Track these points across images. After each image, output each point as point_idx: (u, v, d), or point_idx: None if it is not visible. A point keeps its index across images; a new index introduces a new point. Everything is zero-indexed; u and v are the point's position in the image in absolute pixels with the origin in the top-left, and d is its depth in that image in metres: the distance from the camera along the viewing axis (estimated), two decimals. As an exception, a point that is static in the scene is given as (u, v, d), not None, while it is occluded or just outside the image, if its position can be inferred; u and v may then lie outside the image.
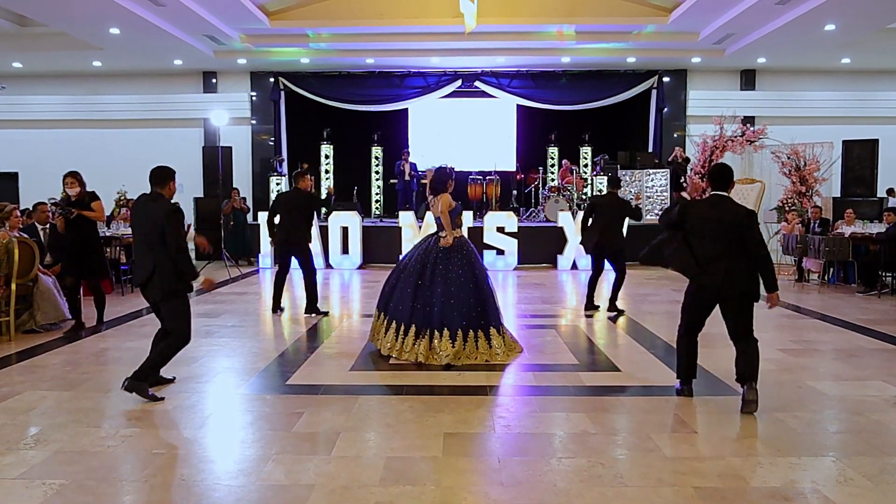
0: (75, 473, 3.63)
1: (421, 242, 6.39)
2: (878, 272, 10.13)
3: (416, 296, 5.95)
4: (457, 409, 4.70)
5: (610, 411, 4.68)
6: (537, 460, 3.83)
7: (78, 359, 6.17)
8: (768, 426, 4.41)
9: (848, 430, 4.35)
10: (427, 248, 6.17)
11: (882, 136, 14.32)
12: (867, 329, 7.55)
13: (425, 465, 3.75)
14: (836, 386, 5.31)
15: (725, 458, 3.84)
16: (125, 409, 4.70)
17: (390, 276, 6.36)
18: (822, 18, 12.33)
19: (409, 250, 6.55)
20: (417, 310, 5.94)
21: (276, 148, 16.99)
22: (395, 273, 6.29)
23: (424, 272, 6.01)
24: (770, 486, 3.50)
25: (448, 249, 6.09)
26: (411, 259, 6.21)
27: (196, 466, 3.74)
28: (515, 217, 13.40)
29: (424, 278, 5.99)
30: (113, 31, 12.77)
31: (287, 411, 4.68)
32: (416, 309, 5.94)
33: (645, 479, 3.56)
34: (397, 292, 6.10)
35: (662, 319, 8.16)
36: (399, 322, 6.00)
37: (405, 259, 6.36)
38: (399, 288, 6.11)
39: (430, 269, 6.01)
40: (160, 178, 5.03)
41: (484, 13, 12.52)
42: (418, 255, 6.17)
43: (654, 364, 6.01)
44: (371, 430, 4.31)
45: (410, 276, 6.06)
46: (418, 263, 6.08)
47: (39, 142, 16.92)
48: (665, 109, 17.01)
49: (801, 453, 3.94)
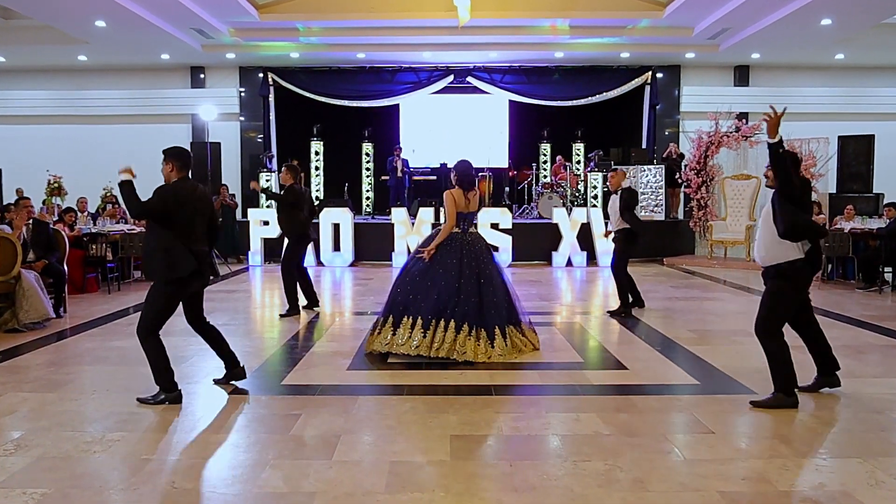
0: (59, 481, 3.39)
1: (452, 240, 5.98)
2: (879, 268, 10.01)
3: (459, 291, 5.72)
4: (461, 409, 4.48)
5: (621, 411, 4.47)
6: (551, 464, 3.62)
7: (62, 359, 5.91)
8: (787, 426, 4.23)
9: (869, 429, 4.17)
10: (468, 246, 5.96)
11: (877, 133, 14.24)
12: (872, 325, 7.41)
13: (432, 470, 3.54)
14: (850, 383, 5.13)
15: (747, 460, 3.65)
16: (112, 411, 4.45)
17: (407, 277, 5.97)
18: (818, 13, 12.24)
19: (421, 249, 6.06)
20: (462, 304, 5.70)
21: (266, 144, 16.73)
22: (418, 272, 5.90)
23: (462, 269, 5.80)
24: (799, 489, 3.31)
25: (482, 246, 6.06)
26: (443, 258, 5.87)
27: (188, 473, 3.51)
28: (510, 213, 13.20)
29: (465, 275, 5.78)
30: (99, 24, 12.49)
31: (283, 413, 4.45)
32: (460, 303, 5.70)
33: (666, 484, 3.36)
34: (425, 289, 5.78)
35: (661, 315, 8.00)
36: (434, 317, 5.67)
37: (429, 260, 5.90)
38: (432, 285, 5.78)
39: (467, 266, 5.83)
40: None
41: (477, 7, 12.34)
42: (457, 252, 5.88)
43: (661, 362, 5.82)
44: (373, 432, 4.09)
45: (445, 273, 5.79)
46: (455, 260, 5.83)
47: (23, 138, 16.54)
48: (658, 105, 16.90)
49: (826, 454, 3.76)
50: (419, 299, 5.76)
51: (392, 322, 5.81)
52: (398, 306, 5.84)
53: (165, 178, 4.74)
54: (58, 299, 7.83)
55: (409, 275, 5.95)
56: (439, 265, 5.83)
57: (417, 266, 5.93)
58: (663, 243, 14.12)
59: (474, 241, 6.05)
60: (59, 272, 7.95)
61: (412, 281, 5.88)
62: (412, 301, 5.79)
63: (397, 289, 5.95)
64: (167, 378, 4.63)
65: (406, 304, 5.80)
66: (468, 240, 5.99)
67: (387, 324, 5.84)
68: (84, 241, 9.87)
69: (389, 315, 5.86)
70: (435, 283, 5.77)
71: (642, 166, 14.88)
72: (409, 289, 5.86)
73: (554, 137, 17.44)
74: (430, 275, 5.81)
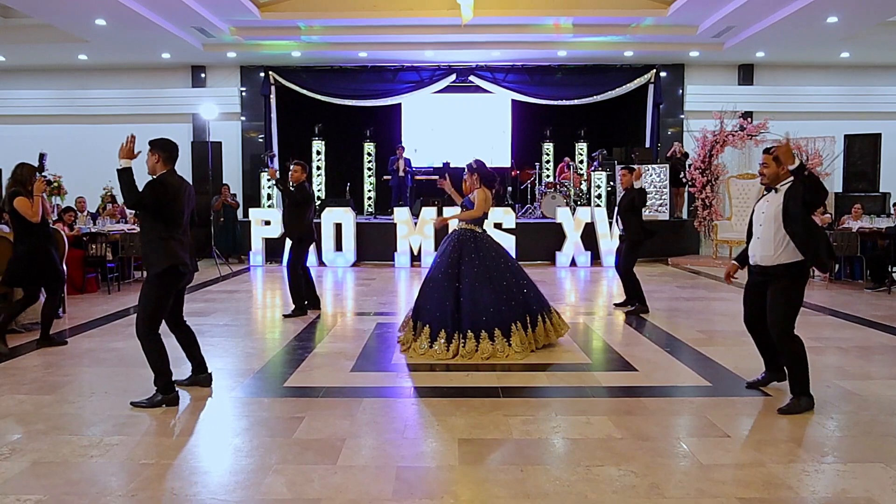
0: (54, 487, 3.27)
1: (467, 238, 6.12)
2: (887, 267, 9.89)
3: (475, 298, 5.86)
4: (469, 412, 4.37)
5: (633, 414, 4.36)
6: (563, 469, 3.51)
7: (60, 360, 5.79)
8: (804, 429, 4.12)
9: (889, 432, 4.05)
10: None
11: (884, 132, 14.12)
12: (884, 325, 7.29)
13: (441, 476, 3.42)
14: (865, 385, 5.03)
15: (766, 465, 3.54)
16: (110, 414, 4.34)
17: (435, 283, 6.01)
18: (824, 10, 12.10)
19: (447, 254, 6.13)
20: None
21: (267, 143, 16.60)
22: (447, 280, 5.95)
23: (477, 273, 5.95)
24: (821, 496, 3.20)
25: None
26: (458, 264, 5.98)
27: (188, 479, 3.40)
28: (513, 213, 13.09)
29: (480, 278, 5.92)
30: (99, 23, 12.37)
31: (286, 416, 4.34)
32: None
33: (683, 489, 3.25)
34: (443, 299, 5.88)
35: (668, 316, 7.89)
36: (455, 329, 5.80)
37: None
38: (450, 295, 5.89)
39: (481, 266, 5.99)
40: None
41: (480, 5, 12.20)
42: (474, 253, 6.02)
43: (670, 363, 5.72)
44: (378, 436, 3.97)
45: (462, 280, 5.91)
46: (471, 267, 5.96)
47: (23, 137, 16.34)
48: (662, 104, 16.75)
49: (845, 459, 3.64)
50: (439, 309, 5.86)
51: (420, 329, 5.94)
52: (426, 315, 5.95)
53: (150, 169, 4.68)
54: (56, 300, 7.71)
55: (431, 282, 6.03)
56: (455, 274, 5.92)
57: (436, 276, 6.01)
58: (668, 243, 13.99)
59: (486, 239, 6.18)
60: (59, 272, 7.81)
61: (434, 289, 5.97)
62: (434, 311, 5.89)
63: (424, 296, 6.06)
64: (165, 380, 4.55)
65: (431, 313, 5.91)
66: (483, 238, 6.14)
67: (418, 331, 5.96)
68: (84, 241, 9.76)
69: (417, 322, 6.01)
70: (451, 293, 5.86)
71: (646, 165, 14.76)
72: (433, 297, 5.95)
73: (557, 137, 17.33)
74: (449, 286, 5.89)
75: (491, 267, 5.95)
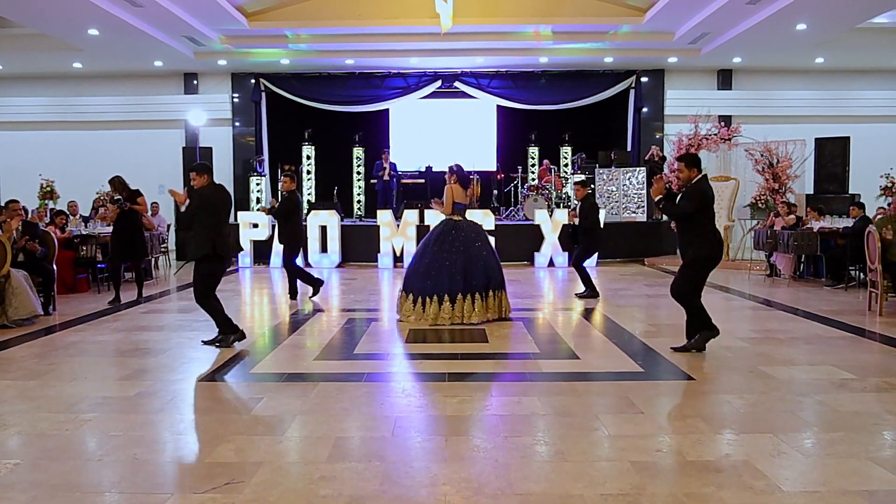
0: (30, 454, 3.72)
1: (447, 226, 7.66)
2: (845, 266, 10.30)
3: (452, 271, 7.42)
4: (413, 394, 4.80)
5: (562, 395, 4.78)
6: (483, 438, 3.94)
7: (46, 351, 6.24)
8: (714, 407, 4.54)
9: (790, 409, 4.47)
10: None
11: (854, 135, 14.53)
12: (827, 319, 7.71)
13: (374, 445, 3.85)
14: (786, 370, 5.45)
15: (666, 436, 3.97)
16: (87, 396, 4.77)
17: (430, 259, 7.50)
18: (792, 18, 12.52)
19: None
20: None
21: (258, 148, 17.04)
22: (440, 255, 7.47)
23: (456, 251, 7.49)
24: (704, 459, 3.62)
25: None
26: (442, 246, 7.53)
27: (149, 447, 3.83)
28: (493, 215, 13.51)
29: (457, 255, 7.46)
30: (92, 32, 12.82)
31: (247, 397, 4.79)
32: None
33: (584, 455, 3.67)
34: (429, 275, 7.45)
35: (627, 312, 8.32)
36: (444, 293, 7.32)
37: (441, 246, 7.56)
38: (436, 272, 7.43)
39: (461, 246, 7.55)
40: None
41: (461, 13, 12.65)
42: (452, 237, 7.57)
43: (612, 352, 6.14)
44: (325, 413, 4.40)
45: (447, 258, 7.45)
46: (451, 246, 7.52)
47: (18, 143, 16.89)
48: (644, 109, 17.18)
49: (740, 430, 4.06)
50: (427, 282, 7.41)
51: (412, 299, 7.49)
52: (410, 287, 7.57)
53: (198, 186, 6.15)
54: (47, 298, 8.18)
55: (416, 263, 7.68)
56: (439, 254, 7.45)
57: (421, 260, 7.61)
58: (644, 244, 14.44)
59: (466, 225, 7.70)
60: (49, 271, 8.30)
61: (417, 267, 7.60)
62: (423, 284, 7.42)
63: (414, 273, 7.63)
64: (229, 324, 6.18)
65: (420, 286, 7.44)
66: (462, 224, 7.65)
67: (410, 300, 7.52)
68: (75, 243, 10.20)
69: (409, 294, 7.55)
70: (440, 268, 7.40)
71: (625, 168, 15.21)
72: (417, 273, 7.55)
73: (542, 141, 17.78)
74: (436, 263, 7.44)
75: (468, 247, 7.47)
